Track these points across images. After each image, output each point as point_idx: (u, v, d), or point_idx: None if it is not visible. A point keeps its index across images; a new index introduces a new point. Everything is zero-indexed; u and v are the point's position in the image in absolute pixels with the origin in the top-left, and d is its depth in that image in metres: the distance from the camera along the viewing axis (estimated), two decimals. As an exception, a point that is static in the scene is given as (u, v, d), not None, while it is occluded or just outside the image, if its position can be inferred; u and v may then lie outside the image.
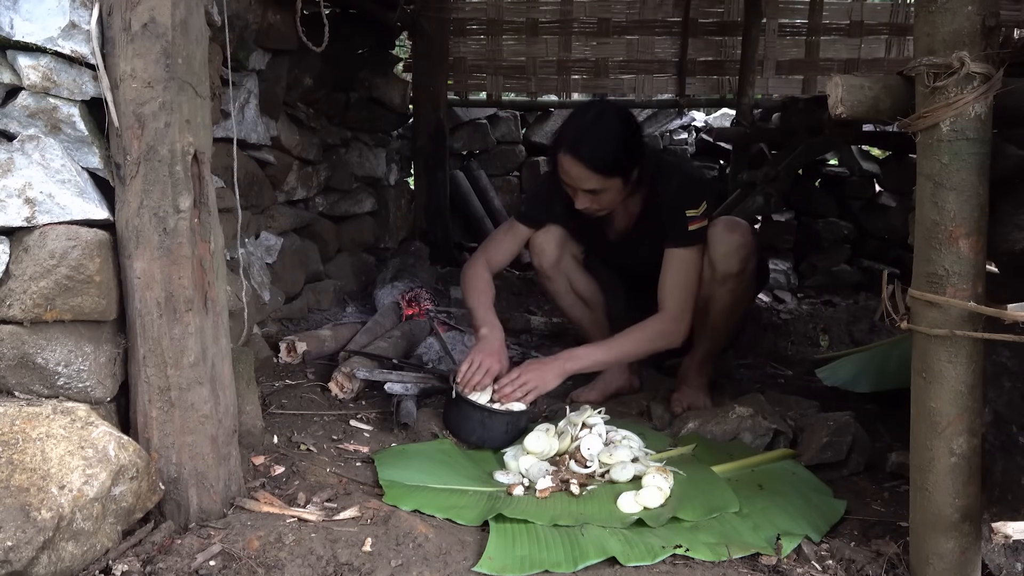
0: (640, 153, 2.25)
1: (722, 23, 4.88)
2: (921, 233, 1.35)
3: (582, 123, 2.20)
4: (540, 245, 2.48)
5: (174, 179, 1.44)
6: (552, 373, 2.21)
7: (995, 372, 1.47)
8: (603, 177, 2.18)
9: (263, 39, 2.39)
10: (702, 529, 1.64)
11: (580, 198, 2.25)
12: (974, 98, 1.25)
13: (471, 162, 5.26)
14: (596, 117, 2.22)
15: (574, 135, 2.19)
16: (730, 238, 2.29)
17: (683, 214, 2.27)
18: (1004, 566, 1.41)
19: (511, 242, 2.50)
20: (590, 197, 2.24)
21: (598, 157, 2.15)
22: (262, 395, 2.15)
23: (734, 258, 2.28)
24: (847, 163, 4.88)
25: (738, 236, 2.29)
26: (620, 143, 2.19)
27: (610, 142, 2.17)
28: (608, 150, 2.17)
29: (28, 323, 1.43)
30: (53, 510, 1.27)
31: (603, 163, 2.16)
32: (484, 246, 2.52)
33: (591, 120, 2.21)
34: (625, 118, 2.27)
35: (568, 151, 2.17)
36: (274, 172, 2.71)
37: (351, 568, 1.40)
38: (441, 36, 4.71)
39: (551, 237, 2.47)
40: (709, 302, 2.36)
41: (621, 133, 2.20)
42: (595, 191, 2.22)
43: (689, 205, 2.27)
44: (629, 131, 2.23)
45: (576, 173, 2.19)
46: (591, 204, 2.26)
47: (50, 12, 1.40)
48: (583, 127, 2.19)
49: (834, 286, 4.57)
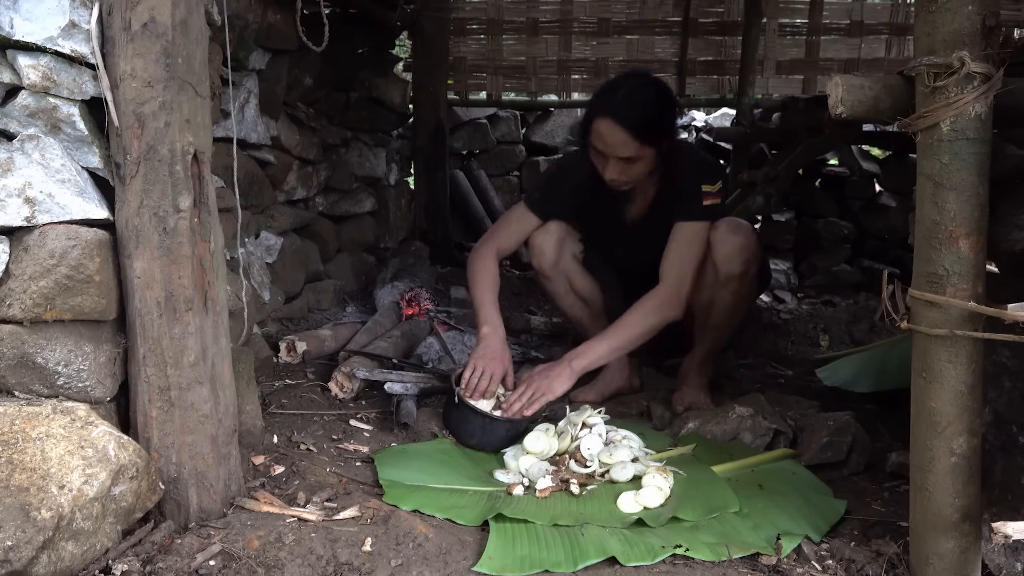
0: (673, 126, 2.25)
1: (722, 23, 4.88)
2: (921, 233, 1.35)
3: (624, 88, 2.18)
4: (539, 245, 2.46)
5: (174, 179, 1.44)
6: (560, 379, 2.17)
7: (995, 372, 1.47)
8: (640, 144, 2.16)
9: (263, 39, 2.39)
10: (702, 529, 1.64)
11: (611, 167, 2.20)
12: (974, 98, 1.25)
13: (471, 162, 5.26)
14: (638, 84, 2.21)
15: (615, 100, 2.15)
16: (733, 240, 2.29)
17: (700, 188, 2.28)
18: (1004, 566, 1.41)
19: (521, 229, 2.48)
20: (621, 167, 2.20)
21: (639, 122, 2.13)
22: (262, 395, 2.15)
23: (736, 260, 2.28)
24: (847, 163, 4.88)
25: (741, 238, 2.29)
26: (660, 111, 2.19)
27: (651, 108, 2.17)
28: (649, 115, 2.16)
29: (28, 323, 1.43)
30: (53, 510, 1.27)
31: (643, 129, 2.14)
32: (494, 231, 2.50)
33: (633, 86, 2.19)
34: (664, 88, 2.27)
35: (608, 114, 2.14)
36: (274, 172, 2.71)
37: (351, 568, 1.40)
38: (441, 36, 4.71)
39: (550, 237, 2.45)
40: (711, 303, 2.36)
41: (661, 101, 2.20)
42: (630, 159, 2.18)
43: (706, 181, 2.29)
44: (668, 100, 2.24)
45: (614, 139, 2.15)
46: (620, 175, 2.22)
47: (50, 12, 1.40)
48: (625, 93, 2.17)
49: (834, 286, 4.57)
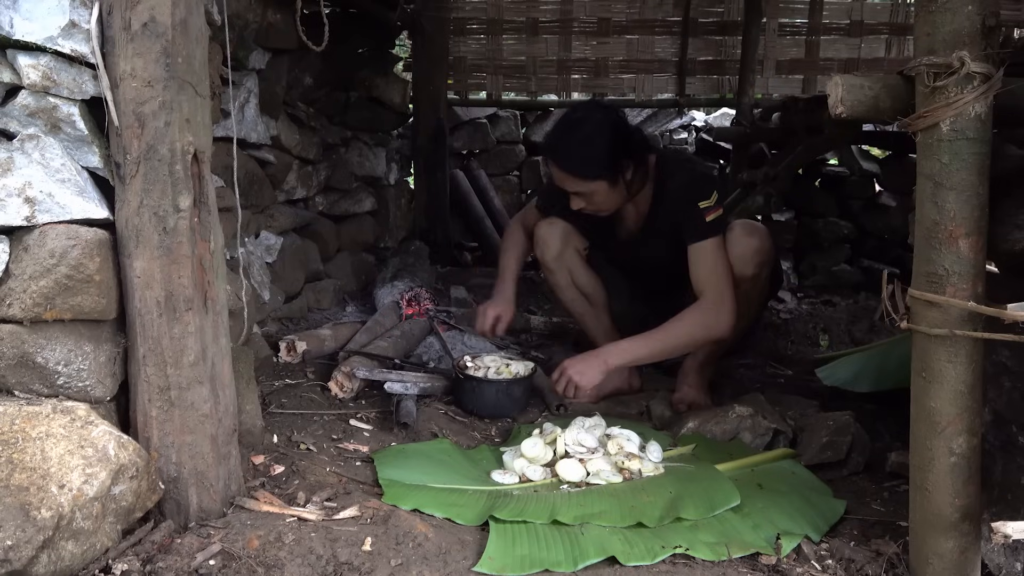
0: (628, 154, 2.25)
1: (722, 23, 4.88)
2: (921, 233, 1.35)
3: (561, 128, 2.26)
4: (544, 237, 2.53)
5: (174, 178, 1.44)
6: (594, 370, 2.24)
7: (995, 372, 1.47)
8: (584, 180, 2.21)
9: (263, 38, 2.39)
10: (702, 528, 1.64)
11: (573, 200, 2.29)
12: (974, 98, 1.25)
13: (471, 162, 5.26)
14: (575, 122, 2.25)
15: (552, 140, 2.26)
16: (748, 242, 2.30)
17: (696, 208, 2.27)
18: (1004, 566, 1.41)
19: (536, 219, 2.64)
20: (581, 199, 2.28)
21: (574, 161, 2.19)
22: (262, 394, 2.15)
23: (750, 262, 2.30)
24: (847, 163, 4.88)
25: (756, 240, 2.31)
26: (599, 146, 2.19)
27: (588, 146, 2.19)
28: (585, 153, 2.19)
29: (28, 322, 1.43)
30: (53, 509, 1.27)
31: (580, 167, 2.19)
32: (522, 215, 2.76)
33: (570, 124, 2.25)
34: (607, 121, 2.26)
35: (548, 155, 2.25)
36: (274, 171, 2.71)
37: (351, 567, 1.40)
38: (441, 36, 4.71)
39: (555, 230, 2.52)
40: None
41: (601, 136, 2.21)
42: (581, 194, 2.25)
43: (700, 198, 2.28)
44: (611, 133, 2.23)
45: (558, 176, 2.25)
46: (585, 205, 2.29)
47: (50, 11, 1.40)
48: (561, 132, 2.24)
49: (834, 286, 4.56)
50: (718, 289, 2.25)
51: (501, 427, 2.31)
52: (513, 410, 2.36)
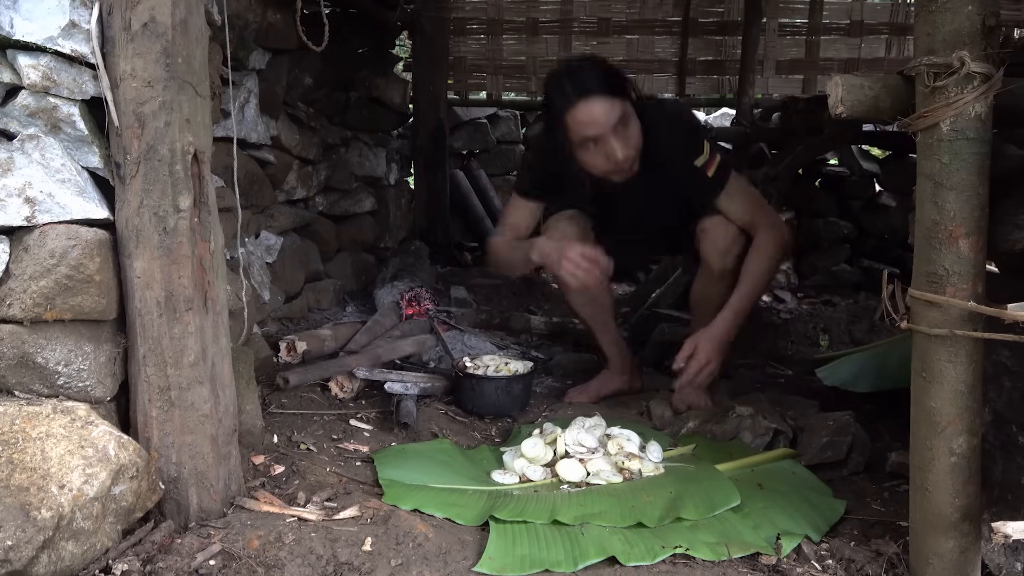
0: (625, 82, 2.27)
1: (722, 23, 4.88)
2: (921, 233, 1.35)
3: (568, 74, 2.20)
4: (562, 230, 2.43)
5: (174, 178, 1.44)
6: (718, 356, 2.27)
7: (995, 372, 1.47)
8: (621, 100, 2.17)
9: (263, 38, 2.39)
10: (702, 528, 1.64)
11: (614, 145, 2.17)
12: (974, 98, 1.25)
13: (471, 162, 5.26)
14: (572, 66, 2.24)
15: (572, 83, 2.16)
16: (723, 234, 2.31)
17: (694, 169, 2.25)
18: (1004, 566, 1.41)
19: (524, 216, 2.51)
20: (622, 137, 2.18)
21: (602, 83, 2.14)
22: (262, 394, 2.15)
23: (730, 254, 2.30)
24: (847, 163, 4.87)
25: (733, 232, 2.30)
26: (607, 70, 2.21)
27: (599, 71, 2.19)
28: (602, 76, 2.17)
29: (28, 322, 1.43)
30: (53, 509, 1.27)
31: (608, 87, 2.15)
32: (502, 224, 2.58)
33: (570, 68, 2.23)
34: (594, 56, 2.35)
35: (581, 96, 2.13)
36: (274, 171, 2.71)
37: (351, 567, 1.40)
38: (441, 36, 4.71)
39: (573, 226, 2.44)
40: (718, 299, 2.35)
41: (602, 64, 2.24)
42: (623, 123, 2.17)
43: (693, 154, 2.26)
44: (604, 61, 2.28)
45: (599, 110, 2.13)
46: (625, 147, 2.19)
47: (50, 11, 1.40)
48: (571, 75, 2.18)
49: (834, 286, 4.56)
50: (760, 215, 2.30)
51: (501, 427, 2.32)
52: (513, 408, 2.37)
